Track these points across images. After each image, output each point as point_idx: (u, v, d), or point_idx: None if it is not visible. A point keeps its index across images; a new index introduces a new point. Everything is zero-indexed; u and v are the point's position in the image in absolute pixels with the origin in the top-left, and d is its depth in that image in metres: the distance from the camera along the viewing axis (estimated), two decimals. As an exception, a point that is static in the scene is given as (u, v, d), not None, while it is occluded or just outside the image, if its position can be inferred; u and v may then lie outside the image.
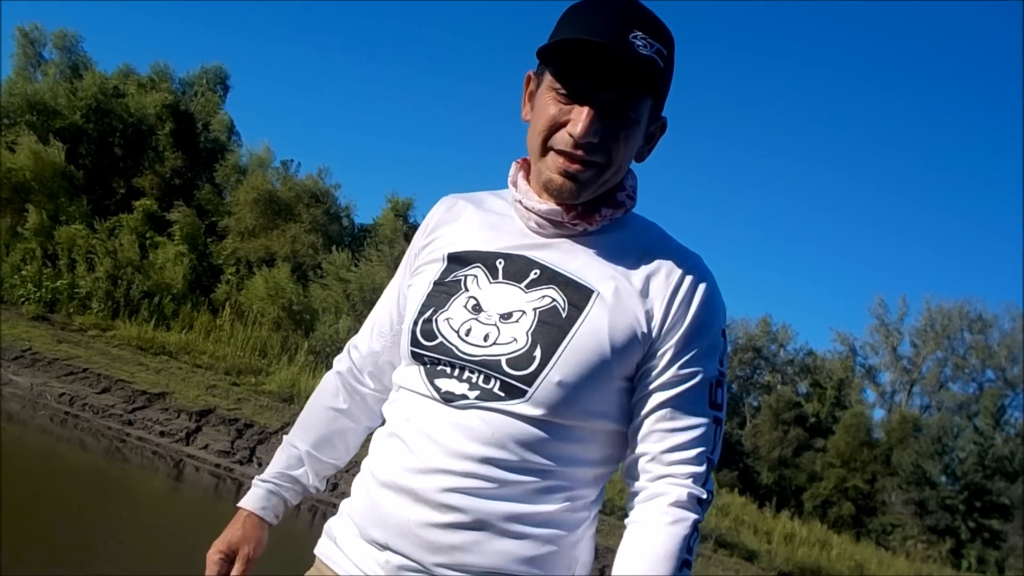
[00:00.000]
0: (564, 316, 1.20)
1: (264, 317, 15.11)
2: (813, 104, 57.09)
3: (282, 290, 15.59)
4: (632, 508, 1.22)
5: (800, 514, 21.41)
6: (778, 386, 31.88)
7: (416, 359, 1.26)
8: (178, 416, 10.71)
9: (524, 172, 1.32)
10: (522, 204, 1.28)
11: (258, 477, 1.48)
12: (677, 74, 1.25)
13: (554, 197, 1.24)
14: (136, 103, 18.36)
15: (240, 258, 17.07)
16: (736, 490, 19.69)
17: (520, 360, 1.18)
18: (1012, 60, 54.75)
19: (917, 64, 56.62)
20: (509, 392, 1.18)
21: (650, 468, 1.21)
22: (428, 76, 61.00)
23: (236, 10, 55.89)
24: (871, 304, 37.99)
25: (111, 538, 5.99)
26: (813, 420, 27.67)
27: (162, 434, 10.33)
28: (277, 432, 10.67)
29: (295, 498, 1.49)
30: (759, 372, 33.69)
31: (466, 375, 1.21)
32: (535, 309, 1.21)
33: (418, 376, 1.25)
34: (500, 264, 1.26)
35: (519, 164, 1.33)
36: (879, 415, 32.72)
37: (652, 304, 1.22)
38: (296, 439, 1.50)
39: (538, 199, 1.27)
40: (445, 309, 1.25)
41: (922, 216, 56.23)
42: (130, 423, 10.36)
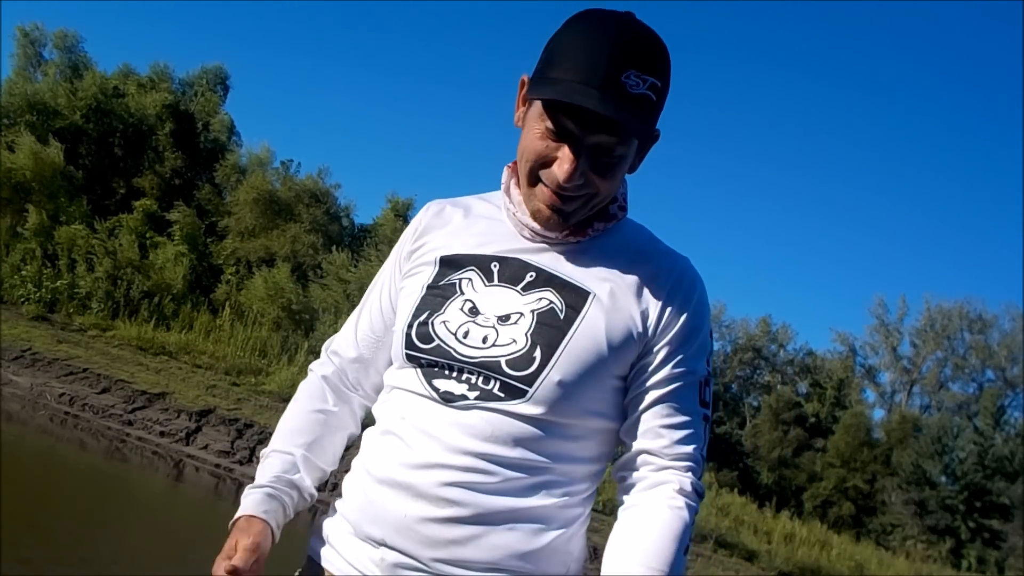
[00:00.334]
0: (562, 318, 1.22)
1: (264, 317, 15.12)
2: (813, 105, 57.15)
3: (282, 290, 15.60)
4: (631, 495, 1.23)
5: (800, 514, 21.41)
6: (778, 386, 31.88)
7: (411, 361, 1.26)
8: (178, 416, 10.71)
9: (516, 179, 1.32)
10: (516, 217, 1.29)
11: (250, 486, 1.35)
12: (680, 78, 1.25)
13: (541, 226, 1.26)
14: (136, 103, 18.38)
15: (240, 258, 17.07)
16: (736, 490, 19.67)
17: (520, 361, 1.20)
18: (1012, 60, 54.80)
19: (917, 65, 56.67)
20: (509, 392, 1.19)
21: (651, 461, 1.23)
22: (428, 76, 61.06)
23: (236, 11, 55.94)
24: (871, 304, 38.01)
25: (111, 538, 5.99)
26: (813, 420, 27.68)
27: (162, 434, 10.33)
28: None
29: (292, 506, 1.34)
30: (759, 372, 33.70)
31: (465, 376, 1.21)
32: (533, 311, 1.23)
33: (415, 377, 1.25)
34: (495, 267, 1.27)
35: (511, 169, 1.33)
36: (879, 415, 32.77)
37: (647, 305, 1.24)
38: (286, 445, 1.38)
39: (531, 217, 1.28)
40: (441, 312, 1.25)
41: (922, 216, 56.30)
42: (130, 423, 10.36)
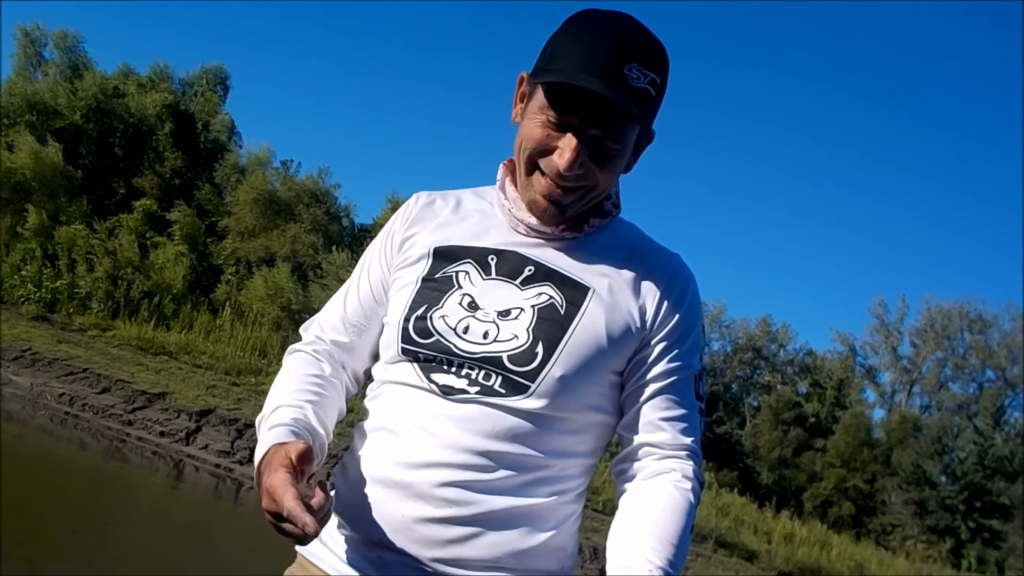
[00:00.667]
0: (563, 313, 1.22)
1: (264, 317, 15.11)
2: (813, 106, 57.14)
3: (282, 290, 15.60)
4: (635, 482, 1.22)
5: (800, 514, 21.41)
6: (778, 386, 31.88)
7: (407, 355, 1.24)
8: (178, 416, 10.70)
9: (511, 176, 1.32)
10: (512, 213, 1.29)
11: (266, 426, 1.21)
12: (681, 80, 1.25)
13: (537, 218, 1.26)
14: (136, 103, 18.38)
15: (240, 258, 17.07)
16: (736, 490, 19.67)
17: (522, 356, 1.19)
18: (1012, 60, 54.80)
19: (917, 65, 56.67)
20: (511, 388, 1.19)
21: (654, 452, 1.24)
22: (428, 76, 61.08)
23: (236, 10, 55.93)
24: (871, 304, 38.04)
25: (111, 538, 5.99)
26: (813, 420, 27.68)
27: (162, 434, 10.33)
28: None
29: (318, 453, 1.18)
30: (759, 372, 33.69)
31: (465, 371, 1.20)
32: (533, 306, 1.22)
33: (412, 371, 1.23)
34: (492, 260, 1.26)
35: (507, 166, 1.33)
36: (879, 415, 32.77)
37: (644, 301, 1.25)
38: (293, 399, 1.25)
39: (526, 212, 1.28)
40: (439, 306, 1.24)
41: (922, 217, 56.29)
42: (130, 423, 10.35)
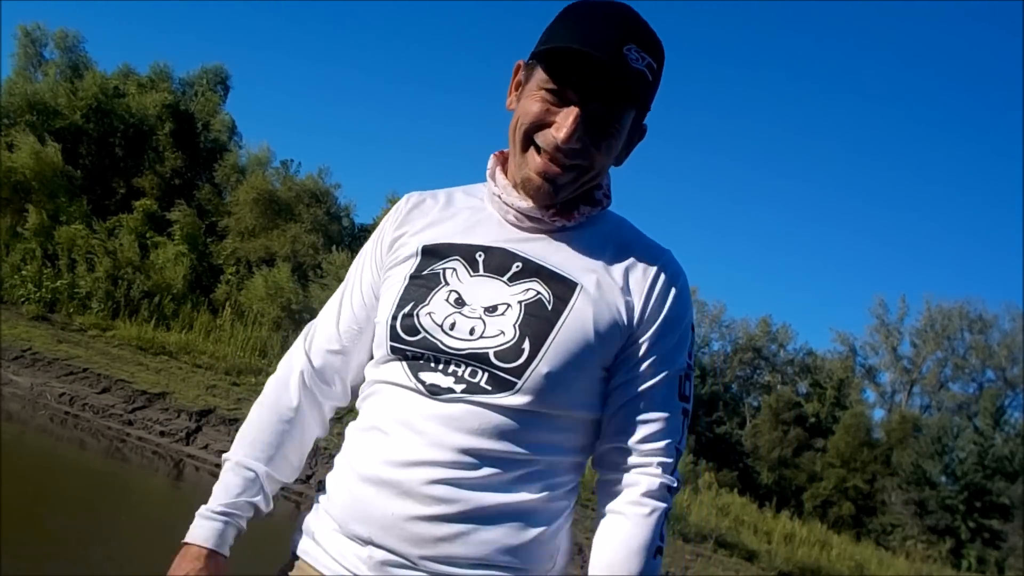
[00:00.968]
0: (550, 309, 1.21)
1: (264, 317, 15.10)
2: (813, 106, 57.13)
3: (282, 290, 15.59)
4: (605, 498, 1.24)
5: (800, 514, 21.39)
6: (778, 386, 31.87)
7: (396, 354, 1.24)
8: (178, 416, 10.69)
9: (502, 165, 1.31)
10: (501, 199, 1.28)
11: (209, 508, 1.34)
12: (682, 81, 1.26)
13: (530, 196, 1.25)
14: (136, 103, 18.37)
15: (240, 258, 17.06)
16: (736, 490, 19.64)
17: (509, 352, 1.18)
18: (1012, 60, 54.77)
19: (917, 65, 56.66)
20: (497, 384, 1.18)
21: (623, 458, 1.23)
22: (428, 76, 61.07)
23: (236, 11, 55.94)
24: (871, 304, 38.04)
25: (111, 538, 5.99)
26: (813, 420, 27.66)
27: (162, 434, 10.32)
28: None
29: (246, 522, 1.36)
30: (759, 372, 33.69)
31: (451, 368, 1.20)
32: (520, 302, 1.21)
33: (400, 370, 1.23)
34: (480, 257, 1.26)
35: (497, 157, 1.33)
36: (879, 415, 32.74)
37: (632, 297, 1.24)
38: (248, 459, 1.36)
39: (517, 195, 1.27)
40: (426, 303, 1.24)
41: (922, 217, 56.28)
42: (130, 423, 10.35)
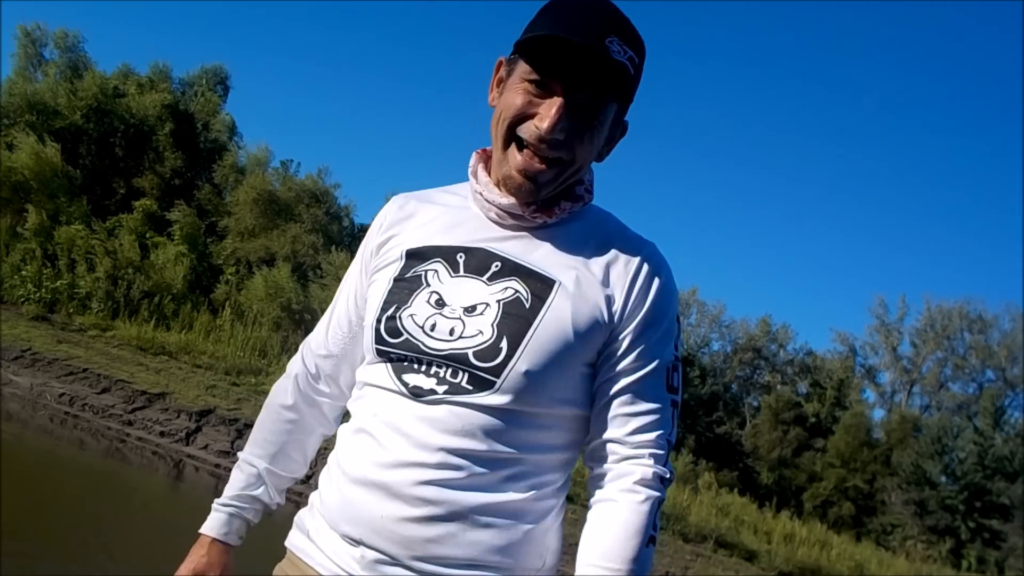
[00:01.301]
0: (528, 307, 1.21)
1: (264, 317, 15.10)
2: (813, 106, 57.13)
3: (282, 290, 15.59)
4: (597, 488, 1.24)
5: (800, 514, 21.38)
6: (778, 386, 31.88)
7: (381, 356, 1.26)
8: (178, 416, 10.69)
9: (484, 163, 1.32)
10: (483, 196, 1.29)
11: (217, 501, 1.45)
12: (680, 81, 1.26)
13: (511, 194, 1.25)
14: (136, 103, 18.38)
15: (240, 258, 17.07)
16: (736, 490, 19.64)
17: (487, 352, 1.19)
18: (1012, 60, 54.79)
19: (917, 65, 56.67)
20: (477, 384, 1.19)
21: (614, 451, 1.23)
22: (428, 76, 61.08)
23: (236, 11, 55.95)
24: (871, 304, 38.05)
25: (111, 538, 5.99)
26: (813, 420, 27.65)
27: (162, 434, 10.32)
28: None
29: (257, 517, 1.46)
30: (759, 372, 33.70)
31: (433, 370, 1.21)
32: (499, 301, 1.22)
33: (385, 373, 1.25)
34: (461, 258, 1.27)
35: (479, 154, 1.34)
36: (879, 415, 32.76)
37: (612, 292, 1.24)
38: (252, 456, 1.46)
39: (498, 192, 1.27)
40: (408, 305, 1.25)
41: (922, 217, 56.29)
42: (130, 423, 10.35)
